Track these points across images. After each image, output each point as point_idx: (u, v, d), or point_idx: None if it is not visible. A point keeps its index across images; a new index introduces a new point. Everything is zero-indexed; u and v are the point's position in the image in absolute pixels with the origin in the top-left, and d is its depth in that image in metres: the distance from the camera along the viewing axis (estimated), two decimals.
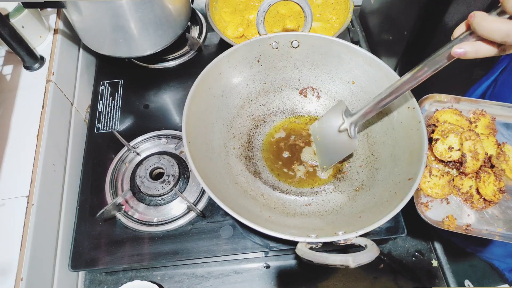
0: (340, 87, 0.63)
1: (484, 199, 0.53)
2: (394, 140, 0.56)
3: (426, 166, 0.52)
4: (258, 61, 0.62)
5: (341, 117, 0.57)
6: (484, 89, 0.65)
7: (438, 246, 0.63)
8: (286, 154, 0.63)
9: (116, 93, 0.75)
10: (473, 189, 0.54)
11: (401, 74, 0.48)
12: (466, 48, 0.39)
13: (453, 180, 0.55)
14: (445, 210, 0.54)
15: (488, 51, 0.38)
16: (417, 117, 0.51)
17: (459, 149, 0.54)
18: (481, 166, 0.53)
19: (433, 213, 0.53)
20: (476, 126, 0.58)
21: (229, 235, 0.59)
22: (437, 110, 0.59)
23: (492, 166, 0.54)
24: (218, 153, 0.58)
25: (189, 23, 0.82)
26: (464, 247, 0.68)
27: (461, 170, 0.54)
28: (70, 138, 0.69)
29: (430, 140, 0.56)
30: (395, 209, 0.44)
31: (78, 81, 0.75)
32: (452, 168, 0.56)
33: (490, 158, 0.54)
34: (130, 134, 0.69)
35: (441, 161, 0.56)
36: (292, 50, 0.61)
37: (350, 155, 0.62)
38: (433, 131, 0.57)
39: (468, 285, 0.62)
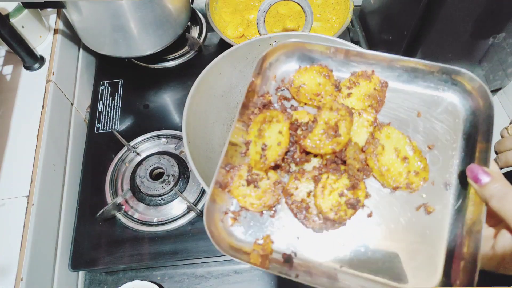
0: None
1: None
2: None
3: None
4: None
5: None
6: None
7: None
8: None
9: (116, 93, 0.75)
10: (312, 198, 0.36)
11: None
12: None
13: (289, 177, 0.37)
14: (266, 227, 0.35)
15: None
16: None
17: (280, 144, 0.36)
18: (333, 160, 0.36)
19: (244, 230, 0.35)
20: (349, 95, 0.40)
21: None
22: (300, 67, 0.43)
23: (343, 162, 0.36)
24: (218, 153, 0.58)
25: (189, 23, 0.82)
26: None
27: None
28: (70, 138, 0.69)
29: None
30: None
31: (78, 81, 0.75)
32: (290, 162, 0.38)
33: (346, 148, 0.36)
34: (130, 134, 0.69)
35: None
36: None
37: None
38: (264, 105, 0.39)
39: None
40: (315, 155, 0.37)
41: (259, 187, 0.36)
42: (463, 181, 0.35)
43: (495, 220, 0.32)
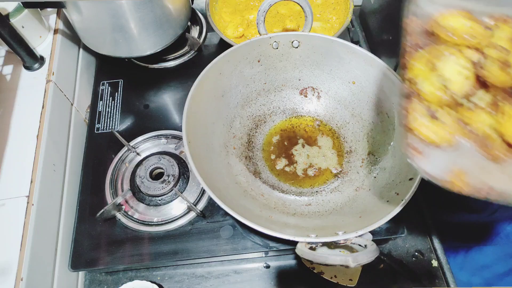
0: (340, 87, 0.64)
1: (509, 144, 0.34)
2: (394, 140, 0.56)
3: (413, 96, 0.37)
4: (259, 61, 0.62)
5: None
6: None
7: (438, 246, 0.63)
8: (286, 154, 0.63)
9: (116, 93, 0.75)
10: (490, 128, 0.36)
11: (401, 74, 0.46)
12: None
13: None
14: (448, 162, 0.35)
15: None
16: None
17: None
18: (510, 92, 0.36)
19: (430, 164, 0.36)
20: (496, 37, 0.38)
21: (229, 235, 0.59)
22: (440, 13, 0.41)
23: None
24: (218, 153, 0.58)
25: (189, 23, 0.82)
26: None
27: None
28: (70, 138, 0.69)
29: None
30: (395, 209, 0.44)
31: (78, 81, 0.75)
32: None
33: None
34: (130, 134, 0.69)
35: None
36: (293, 50, 0.61)
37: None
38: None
39: None
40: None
41: (439, 119, 0.36)
42: None
43: None
